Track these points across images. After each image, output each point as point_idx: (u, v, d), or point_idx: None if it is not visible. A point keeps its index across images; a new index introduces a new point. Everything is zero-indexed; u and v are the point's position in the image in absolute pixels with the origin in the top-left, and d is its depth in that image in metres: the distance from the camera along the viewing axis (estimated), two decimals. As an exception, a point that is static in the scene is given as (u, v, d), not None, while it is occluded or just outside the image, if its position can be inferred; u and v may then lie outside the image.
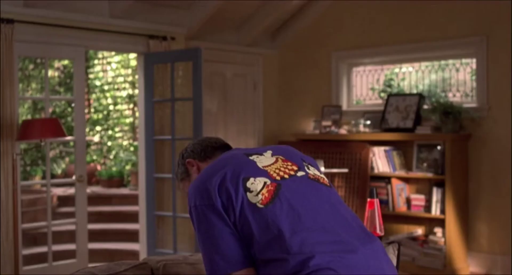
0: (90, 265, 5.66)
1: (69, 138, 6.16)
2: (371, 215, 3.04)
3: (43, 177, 9.21)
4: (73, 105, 6.26)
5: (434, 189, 5.98)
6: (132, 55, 9.62)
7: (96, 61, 10.74)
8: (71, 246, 6.04)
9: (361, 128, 6.55)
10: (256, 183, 2.05)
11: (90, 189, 8.49)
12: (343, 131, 6.68)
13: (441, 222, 5.96)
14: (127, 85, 10.28)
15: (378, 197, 2.97)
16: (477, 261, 6.01)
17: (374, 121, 6.56)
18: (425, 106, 6.28)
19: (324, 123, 6.81)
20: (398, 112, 6.38)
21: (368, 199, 2.99)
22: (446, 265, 5.83)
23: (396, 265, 2.60)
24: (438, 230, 6.00)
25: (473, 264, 6.03)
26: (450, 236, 5.82)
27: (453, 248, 5.83)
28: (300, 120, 7.35)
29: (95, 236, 6.86)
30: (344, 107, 7.03)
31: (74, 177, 5.74)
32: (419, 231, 6.24)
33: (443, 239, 5.91)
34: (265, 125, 7.48)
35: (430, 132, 6.06)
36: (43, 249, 6.14)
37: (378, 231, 3.04)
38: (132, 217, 7.31)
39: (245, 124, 7.29)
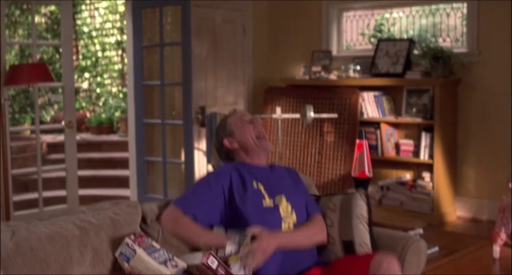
0: (81, 210, 5.69)
1: (57, 84, 6.11)
2: (359, 157, 3.07)
3: (32, 124, 9.19)
4: (60, 50, 6.19)
5: (423, 134, 6.00)
6: (120, 1, 9.49)
7: (83, 7, 10.58)
8: (61, 193, 6.05)
9: (351, 73, 6.52)
10: None
11: (79, 136, 8.48)
12: (333, 76, 6.65)
13: (429, 167, 6.00)
14: (115, 31, 10.16)
15: (368, 142, 2.99)
16: (464, 205, 6.09)
17: (364, 66, 6.53)
18: (415, 51, 6.25)
19: (314, 68, 6.77)
20: (388, 57, 6.35)
21: (357, 141, 3.00)
22: (433, 209, 5.91)
23: (368, 212, 2.67)
24: (426, 175, 6.05)
25: (460, 208, 6.11)
26: (438, 180, 5.88)
27: (441, 192, 5.90)
28: (289, 66, 7.30)
29: (85, 182, 6.88)
30: (334, 52, 6.98)
31: (63, 123, 5.72)
32: (408, 176, 6.29)
33: (431, 184, 5.97)
34: (255, 71, 7.43)
35: (420, 77, 6.04)
36: (34, 195, 6.16)
37: (366, 172, 3.07)
38: (122, 163, 7.33)
39: (235, 70, 7.23)
